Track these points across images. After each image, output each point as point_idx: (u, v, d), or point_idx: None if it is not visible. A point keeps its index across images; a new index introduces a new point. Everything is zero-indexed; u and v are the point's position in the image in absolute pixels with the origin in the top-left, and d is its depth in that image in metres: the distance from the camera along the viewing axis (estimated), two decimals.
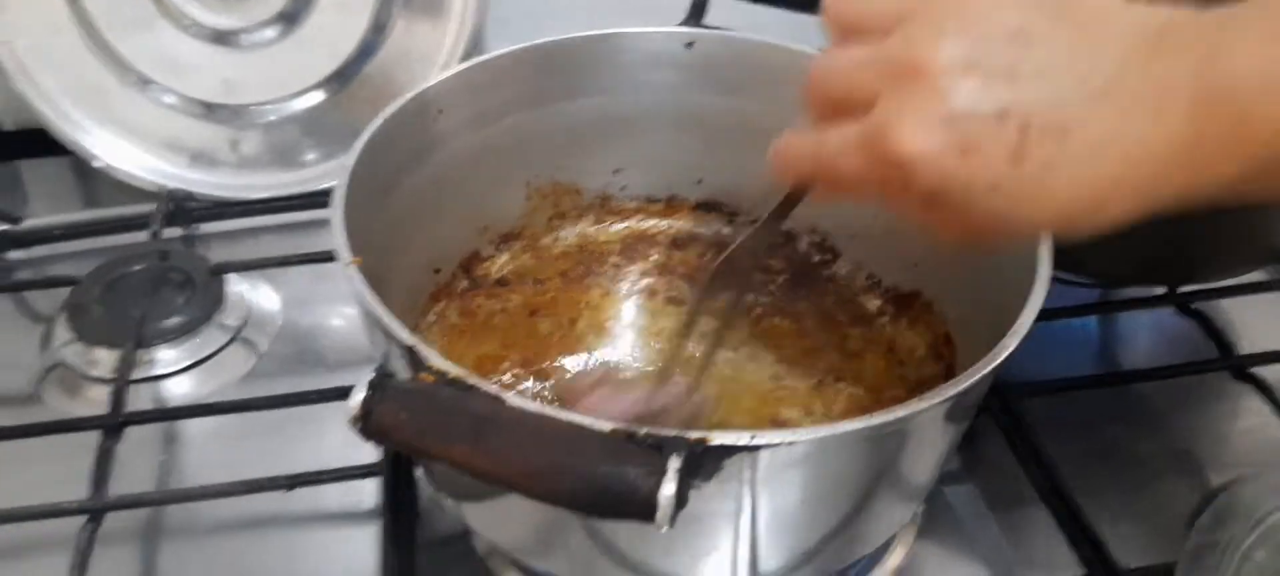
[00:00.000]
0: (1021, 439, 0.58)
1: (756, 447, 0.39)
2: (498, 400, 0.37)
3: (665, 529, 0.35)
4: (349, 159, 0.52)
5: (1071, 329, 0.71)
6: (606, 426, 0.37)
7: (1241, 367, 0.63)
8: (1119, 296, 0.71)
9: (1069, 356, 0.69)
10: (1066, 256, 0.67)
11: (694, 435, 0.38)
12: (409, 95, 0.57)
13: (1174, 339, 0.69)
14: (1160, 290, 0.68)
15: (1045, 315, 0.67)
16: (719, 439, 0.38)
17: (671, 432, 0.37)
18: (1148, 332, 0.71)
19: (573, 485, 0.35)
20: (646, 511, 0.34)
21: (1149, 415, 0.65)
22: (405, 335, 0.42)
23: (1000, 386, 0.61)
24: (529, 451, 0.35)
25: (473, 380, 0.39)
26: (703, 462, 0.39)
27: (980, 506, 0.60)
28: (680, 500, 0.34)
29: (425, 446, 0.36)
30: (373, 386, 0.36)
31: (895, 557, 0.57)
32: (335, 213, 0.49)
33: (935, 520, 0.59)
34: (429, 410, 0.36)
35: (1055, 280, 0.73)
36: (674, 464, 0.35)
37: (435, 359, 0.41)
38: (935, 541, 0.58)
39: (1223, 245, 0.64)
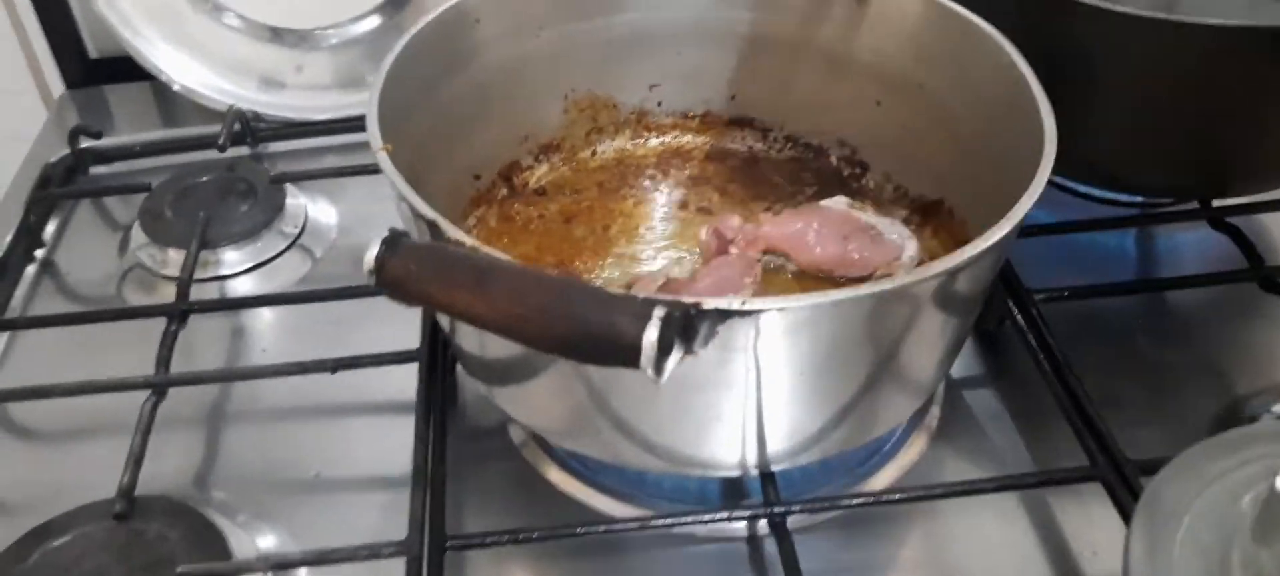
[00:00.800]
0: (1038, 342, 0.59)
1: (749, 312, 0.41)
2: (500, 257, 0.40)
3: (651, 373, 0.37)
4: (386, 61, 0.55)
5: (1108, 244, 0.71)
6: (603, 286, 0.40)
7: (1270, 278, 0.62)
8: (1153, 211, 0.71)
9: (1102, 269, 0.69)
10: (1100, 170, 0.67)
11: (688, 299, 0.40)
12: (447, 4, 0.60)
13: (1210, 255, 0.68)
14: (1194, 204, 0.68)
15: (1078, 227, 0.68)
16: (713, 303, 0.41)
17: (666, 298, 0.40)
18: (1181, 247, 0.71)
19: (563, 328, 0.37)
20: (631, 354, 0.37)
21: (1176, 325, 0.65)
22: (426, 209, 0.45)
23: (1021, 292, 0.62)
24: (525, 298, 0.38)
25: (485, 249, 0.42)
26: (697, 326, 0.41)
27: (999, 410, 0.61)
28: (663, 345, 0.37)
29: (431, 293, 0.39)
30: (386, 243, 0.39)
31: (910, 453, 0.58)
32: (370, 106, 0.52)
33: (953, 422, 0.60)
34: (435, 262, 0.39)
35: (1093, 198, 0.74)
36: (659, 312, 0.37)
37: (452, 231, 0.44)
38: (951, 441, 0.59)
39: (1258, 158, 0.63)
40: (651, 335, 0.37)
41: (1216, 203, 0.67)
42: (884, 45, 0.64)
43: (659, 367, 0.37)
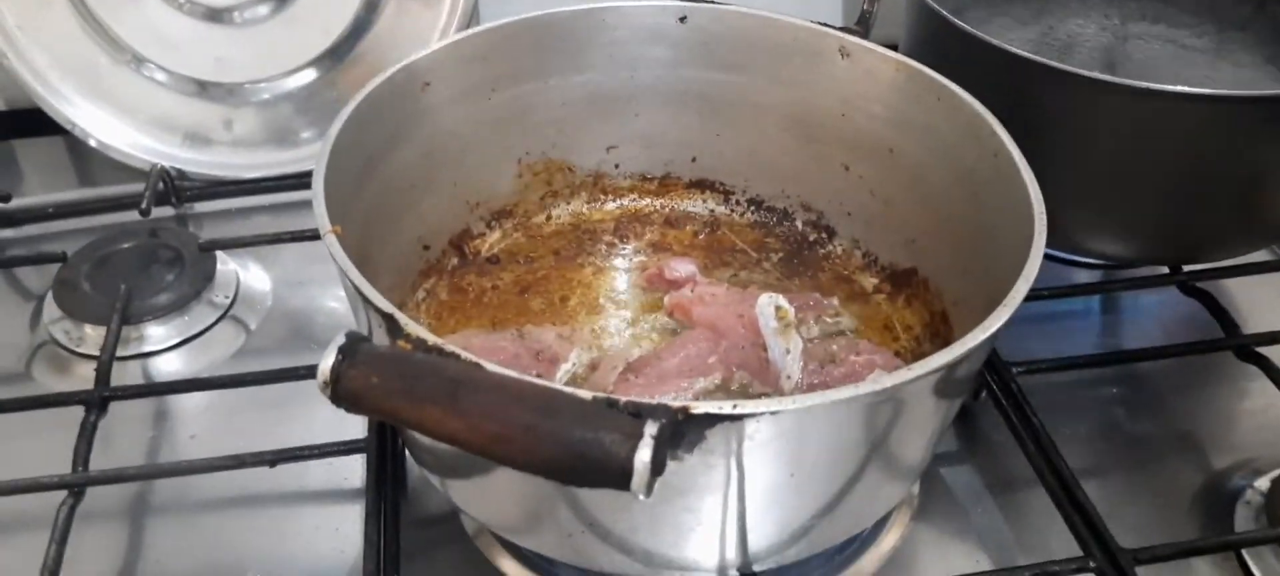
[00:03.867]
0: (1021, 418, 0.57)
1: (740, 416, 0.38)
2: (474, 365, 0.36)
3: (642, 497, 0.34)
4: (333, 129, 0.51)
5: (1074, 309, 0.70)
6: (586, 394, 0.37)
7: (1246, 347, 0.61)
8: (1122, 276, 0.70)
9: (1071, 337, 0.68)
10: (1068, 236, 0.66)
11: (676, 404, 0.37)
12: (395, 67, 0.56)
13: (1177, 319, 0.67)
14: (1163, 270, 0.67)
15: (1048, 295, 0.66)
16: (701, 408, 0.38)
17: (652, 401, 0.37)
18: (1151, 313, 0.70)
19: (548, 450, 0.34)
20: (622, 478, 0.33)
21: (1152, 396, 0.63)
22: (382, 302, 0.41)
23: (999, 365, 0.59)
24: (505, 415, 0.34)
25: (449, 347, 0.38)
26: (685, 432, 0.38)
27: (978, 487, 0.59)
28: (656, 466, 0.33)
29: (398, 410, 0.35)
30: (343, 350, 0.35)
31: (890, 539, 0.56)
32: (316, 182, 0.48)
33: (932, 501, 0.58)
34: (402, 374, 0.35)
35: (1058, 260, 0.72)
36: (650, 429, 0.34)
37: (413, 327, 0.40)
38: (932, 523, 0.57)
39: (1227, 223, 0.62)
40: (644, 456, 0.33)
41: (1185, 267, 0.66)
42: (852, 108, 0.62)
43: (650, 490, 0.34)
